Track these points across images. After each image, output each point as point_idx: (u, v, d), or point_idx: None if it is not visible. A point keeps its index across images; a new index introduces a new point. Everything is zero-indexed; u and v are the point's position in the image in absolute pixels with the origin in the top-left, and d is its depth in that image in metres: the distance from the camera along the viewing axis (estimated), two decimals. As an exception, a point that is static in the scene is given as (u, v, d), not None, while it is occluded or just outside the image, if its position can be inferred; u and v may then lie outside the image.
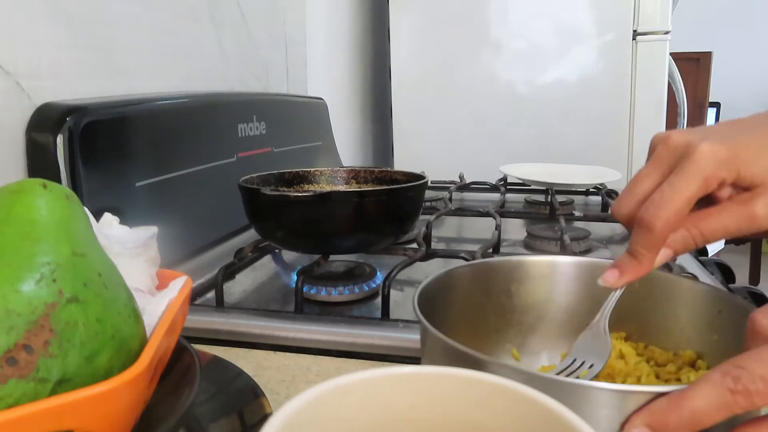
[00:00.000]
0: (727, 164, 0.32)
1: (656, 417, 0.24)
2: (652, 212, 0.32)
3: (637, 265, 0.33)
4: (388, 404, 0.22)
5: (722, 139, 0.32)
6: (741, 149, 0.32)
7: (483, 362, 0.27)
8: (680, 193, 0.31)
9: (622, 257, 0.34)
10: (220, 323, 0.51)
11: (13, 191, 0.26)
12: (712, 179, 0.32)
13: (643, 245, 0.33)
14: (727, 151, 0.31)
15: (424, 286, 0.36)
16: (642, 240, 0.32)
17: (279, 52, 1.07)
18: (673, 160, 0.33)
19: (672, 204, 0.31)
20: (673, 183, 0.32)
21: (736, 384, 0.24)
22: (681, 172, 0.32)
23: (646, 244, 0.32)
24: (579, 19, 1.31)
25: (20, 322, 0.23)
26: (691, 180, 0.31)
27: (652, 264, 0.33)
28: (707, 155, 0.31)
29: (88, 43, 0.61)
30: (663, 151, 0.34)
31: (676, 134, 0.34)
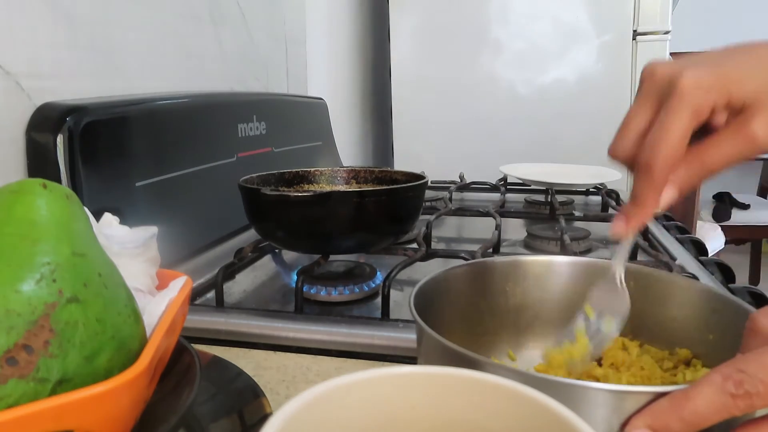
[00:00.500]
0: (716, 88, 0.31)
1: (657, 418, 0.24)
2: (648, 154, 0.31)
3: (642, 209, 0.33)
4: (388, 404, 0.22)
5: (706, 65, 0.31)
6: (728, 71, 0.31)
7: (479, 362, 0.27)
8: (672, 130, 0.31)
9: (627, 205, 0.34)
10: (220, 323, 0.51)
11: (13, 191, 0.26)
12: (703, 107, 0.31)
13: (644, 189, 0.32)
14: (712, 76, 0.31)
15: (420, 286, 0.36)
16: (642, 184, 0.32)
17: (279, 52, 1.07)
18: (660, 93, 0.32)
19: (666, 142, 0.31)
20: (663, 120, 0.31)
21: (737, 389, 0.24)
22: (669, 107, 0.31)
23: (648, 186, 0.32)
24: (579, 19, 1.31)
25: (20, 322, 0.23)
26: (680, 113, 0.31)
27: (656, 206, 0.33)
28: (692, 84, 0.31)
29: (88, 43, 0.61)
30: (649, 86, 0.33)
31: (661, 66, 0.33)
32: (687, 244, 0.81)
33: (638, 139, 0.33)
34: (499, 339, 0.41)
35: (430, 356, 0.31)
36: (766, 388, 0.23)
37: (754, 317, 0.28)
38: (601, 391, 0.25)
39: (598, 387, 0.25)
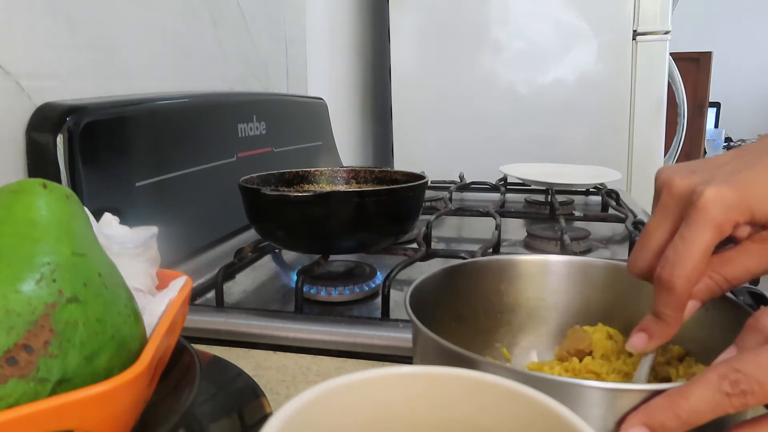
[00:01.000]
0: (738, 206, 0.30)
1: (653, 416, 0.24)
2: (669, 271, 0.30)
3: (665, 326, 0.32)
4: (388, 404, 0.22)
5: (728, 180, 0.30)
6: (749, 188, 0.30)
7: (474, 361, 0.27)
8: (694, 247, 0.30)
9: (649, 320, 0.33)
10: (220, 323, 0.51)
11: (13, 191, 0.26)
12: (725, 225, 0.30)
13: (667, 306, 0.31)
14: (734, 193, 0.30)
15: (416, 285, 0.36)
16: (665, 301, 0.31)
17: (279, 52, 1.07)
18: (680, 208, 0.32)
19: (688, 260, 0.30)
20: (685, 236, 0.30)
21: (733, 388, 0.24)
22: (690, 223, 0.30)
23: (670, 305, 0.31)
24: (579, 19, 1.31)
25: (20, 322, 0.23)
26: (702, 231, 0.30)
27: (681, 322, 0.32)
28: (714, 201, 0.30)
29: (88, 43, 0.61)
30: (668, 200, 0.32)
31: (680, 178, 0.32)
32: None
33: (658, 253, 0.32)
34: (494, 338, 0.41)
35: (426, 355, 0.31)
36: (761, 388, 0.24)
37: (757, 315, 0.28)
38: (596, 389, 0.25)
39: (594, 385, 0.25)
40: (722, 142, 3.44)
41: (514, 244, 0.80)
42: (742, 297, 0.61)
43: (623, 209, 0.89)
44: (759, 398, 0.24)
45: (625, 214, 0.83)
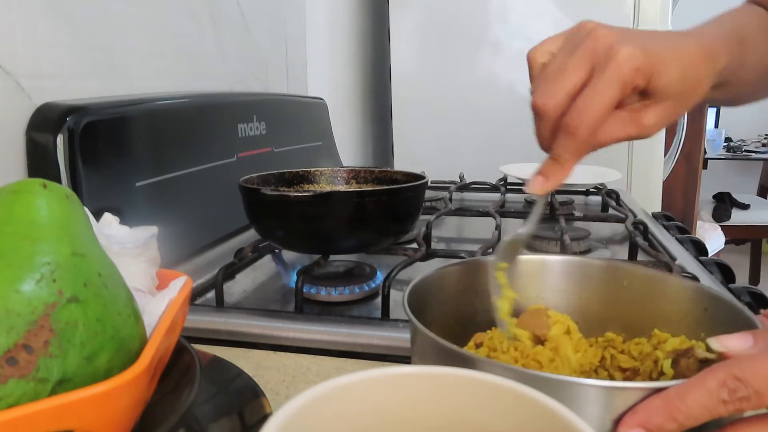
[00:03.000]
0: (643, 71, 0.34)
1: (651, 418, 0.24)
2: (578, 119, 0.34)
3: (560, 169, 0.35)
4: (388, 404, 0.22)
5: (642, 45, 0.34)
6: (656, 59, 0.34)
7: (472, 360, 0.27)
8: (603, 100, 0.33)
9: (547, 163, 0.36)
10: (220, 323, 0.51)
11: (13, 191, 0.26)
12: (629, 84, 0.34)
13: (566, 149, 0.35)
14: (644, 59, 0.34)
15: (414, 285, 0.36)
16: (566, 145, 0.35)
17: (279, 52, 1.07)
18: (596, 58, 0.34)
19: (596, 111, 0.33)
20: (597, 88, 0.33)
21: (731, 396, 0.24)
22: (604, 76, 0.34)
23: (570, 149, 0.34)
24: (579, 19, 1.30)
25: (20, 322, 0.23)
26: (612, 85, 0.33)
27: (572, 169, 0.35)
28: (628, 60, 0.33)
29: (88, 43, 0.61)
30: (589, 46, 0.35)
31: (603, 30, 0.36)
32: (687, 244, 0.81)
33: (570, 95, 0.35)
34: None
35: (424, 355, 0.31)
36: (757, 396, 0.24)
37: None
38: (593, 387, 0.25)
39: (591, 383, 0.26)
40: (722, 142, 3.44)
41: (514, 244, 0.80)
42: (743, 297, 0.61)
43: (623, 209, 0.89)
44: (755, 405, 0.24)
45: (625, 214, 0.83)
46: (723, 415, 0.24)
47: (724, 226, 2.58)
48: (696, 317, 0.36)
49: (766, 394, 0.24)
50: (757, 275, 3.01)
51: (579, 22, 0.38)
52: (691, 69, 0.36)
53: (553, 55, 0.38)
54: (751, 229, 2.81)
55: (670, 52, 0.35)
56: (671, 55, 0.35)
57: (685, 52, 0.36)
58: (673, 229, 0.90)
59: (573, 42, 0.37)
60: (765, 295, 0.62)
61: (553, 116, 0.35)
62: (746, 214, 2.81)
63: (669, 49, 0.35)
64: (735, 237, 2.83)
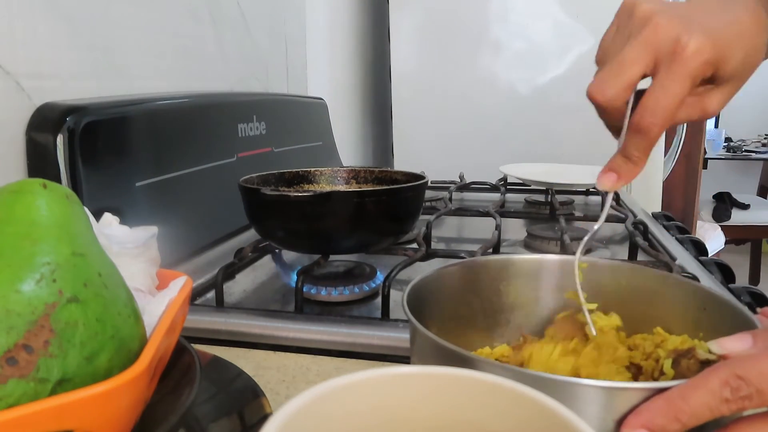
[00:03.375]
0: (711, 62, 0.33)
1: (654, 419, 0.24)
2: (649, 119, 0.33)
3: (633, 167, 0.35)
4: (388, 404, 0.22)
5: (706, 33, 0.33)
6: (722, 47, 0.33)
7: (472, 360, 0.27)
8: (673, 98, 0.32)
9: (617, 160, 0.35)
10: (220, 323, 0.51)
11: (13, 191, 0.26)
12: (698, 78, 0.33)
13: (638, 148, 0.34)
14: (712, 50, 0.33)
15: (414, 285, 0.36)
16: (638, 144, 0.34)
17: (279, 52, 1.07)
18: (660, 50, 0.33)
19: (667, 110, 0.32)
20: (666, 87, 0.33)
21: (733, 395, 0.24)
22: (672, 72, 0.33)
23: (642, 147, 0.34)
24: (579, 19, 1.31)
25: (20, 322, 0.23)
26: (682, 82, 0.32)
27: (644, 164, 0.35)
28: (697, 54, 0.32)
29: (88, 43, 0.61)
30: (651, 39, 0.33)
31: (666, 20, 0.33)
32: (687, 244, 0.81)
33: (630, 86, 0.34)
34: (492, 337, 0.41)
35: (423, 355, 0.31)
36: (759, 395, 0.24)
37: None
38: (594, 387, 0.25)
39: (592, 384, 0.26)
40: (722, 142, 3.44)
41: (514, 244, 0.80)
42: (743, 297, 0.61)
43: (623, 209, 0.89)
44: (756, 404, 0.24)
45: (625, 214, 0.83)
46: (725, 414, 0.24)
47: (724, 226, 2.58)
48: (694, 317, 0.36)
49: (767, 393, 0.24)
50: (757, 275, 3.01)
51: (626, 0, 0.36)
52: (753, 45, 0.35)
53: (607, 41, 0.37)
54: (751, 229, 2.81)
55: (733, 35, 0.34)
56: (734, 38, 0.34)
57: (742, 27, 0.35)
58: (673, 229, 0.90)
59: (628, 27, 0.35)
60: (765, 295, 0.62)
61: (611, 108, 0.35)
62: (746, 214, 2.81)
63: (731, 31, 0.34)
64: (735, 237, 2.83)
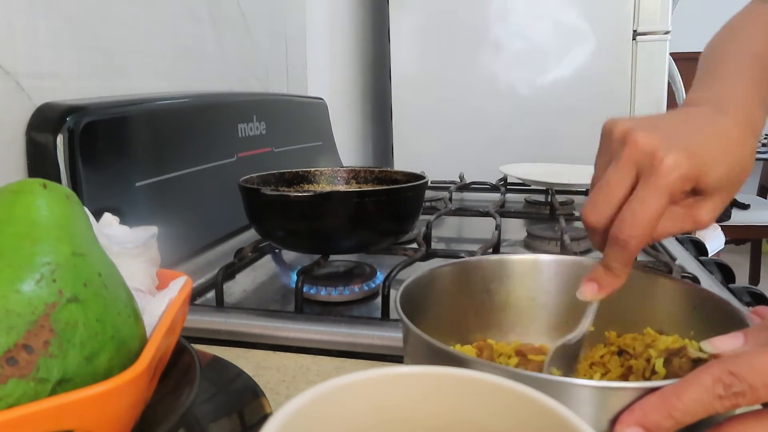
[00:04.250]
0: (689, 176, 0.33)
1: (648, 416, 0.25)
2: (627, 232, 0.33)
3: (614, 278, 0.35)
4: (388, 404, 0.22)
5: (684, 149, 0.33)
6: (701, 161, 0.34)
7: (464, 361, 0.27)
8: (650, 211, 0.33)
9: (598, 271, 0.35)
10: (220, 323, 0.51)
11: (13, 191, 0.26)
12: (677, 192, 0.34)
13: (618, 261, 0.34)
14: (689, 163, 0.33)
15: (407, 285, 0.36)
16: (617, 256, 0.34)
17: (279, 52, 1.07)
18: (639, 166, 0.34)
19: (644, 222, 0.33)
20: (643, 200, 0.33)
21: (726, 391, 0.24)
22: (649, 187, 0.33)
23: (621, 260, 0.34)
24: (579, 19, 1.31)
25: (20, 322, 0.23)
26: (659, 196, 0.33)
27: (627, 276, 0.35)
28: (673, 169, 0.33)
29: (88, 43, 0.61)
30: (631, 155, 0.34)
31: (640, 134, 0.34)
32: (687, 244, 0.81)
33: (618, 208, 0.35)
34: (485, 337, 0.41)
35: (416, 355, 0.31)
36: (752, 391, 0.24)
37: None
38: (588, 387, 0.25)
39: (586, 384, 0.26)
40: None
41: (514, 244, 0.80)
42: (743, 297, 0.61)
43: (623, 209, 0.89)
44: (750, 400, 0.24)
45: (625, 214, 0.82)
46: (719, 411, 0.25)
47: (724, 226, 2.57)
48: (686, 316, 0.36)
49: (760, 389, 0.24)
50: (757, 275, 3.01)
51: (606, 122, 0.37)
52: (738, 158, 0.36)
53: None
54: (751, 229, 2.81)
55: (714, 150, 0.35)
56: (716, 153, 0.35)
57: (728, 142, 0.35)
58: (673, 229, 0.90)
59: (609, 149, 0.36)
60: (765, 295, 0.62)
61: (602, 230, 0.35)
62: (746, 214, 2.81)
63: (712, 146, 0.35)
64: (735, 237, 2.83)
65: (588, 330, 0.36)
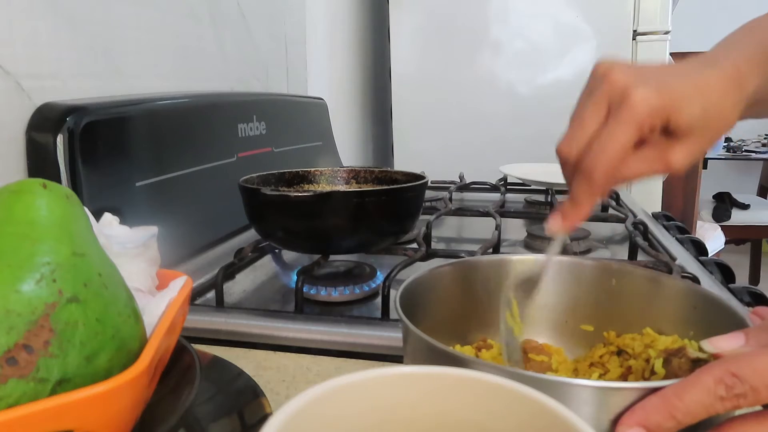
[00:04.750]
0: (660, 111, 0.34)
1: (649, 417, 0.25)
2: (592, 162, 0.34)
3: (577, 210, 0.36)
4: (388, 404, 0.22)
5: (658, 86, 0.34)
6: (673, 98, 0.34)
7: (464, 361, 0.27)
8: (617, 142, 0.33)
9: (565, 204, 0.36)
10: (220, 323, 0.51)
11: (13, 191, 0.26)
12: (644, 125, 0.34)
13: (584, 192, 0.35)
14: (659, 100, 0.33)
15: (407, 285, 0.36)
16: (582, 187, 0.35)
17: (279, 52, 1.07)
18: (611, 101, 0.35)
19: (610, 153, 0.33)
20: (611, 131, 0.34)
21: (728, 392, 0.24)
22: (618, 119, 0.34)
23: (584, 190, 0.35)
24: (579, 19, 1.31)
25: (20, 322, 0.23)
26: (626, 128, 0.33)
27: (592, 208, 0.36)
28: (642, 102, 0.33)
29: (88, 43, 0.61)
30: (605, 90, 0.35)
31: (618, 72, 0.35)
32: (687, 244, 0.81)
33: (587, 142, 0.35)
34: (484, 337, 0.41)
35: (416, 355, 0.31)
36: (754, 393, 0.24)
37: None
38: (589, 387, 0.25)
39: (586, 384, 0.26)
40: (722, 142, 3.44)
41: (514, 244, 0.80)
42: (743, 297, 0.61)
43: (623, 209, 0.89)
44: (751, 401, 0.24)
45: (625, 214, 0.83)
46: (720, 412, 0.25)
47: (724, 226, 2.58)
48: (686, 316, 0.36)
49: (762, 391, 0.24)
50: (757, 275, 3.01)
51: (595, 63, 0.37)
52: (714, 101, 0.35)
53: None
54: (751, 229, 2.81)
55: (688, 88, 0.35)
56: (690, 91, 0.34)
57: (706, 84, 0.35)
58: (673, 229, 0.90)
59: (591, 87, 0.37)
60: (765, 295, 0.62)
61: (571, 160, 0.36)
62: (746, 214, 2.81)
63: (688, 85, 0.35)
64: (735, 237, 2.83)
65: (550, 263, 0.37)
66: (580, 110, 0.36)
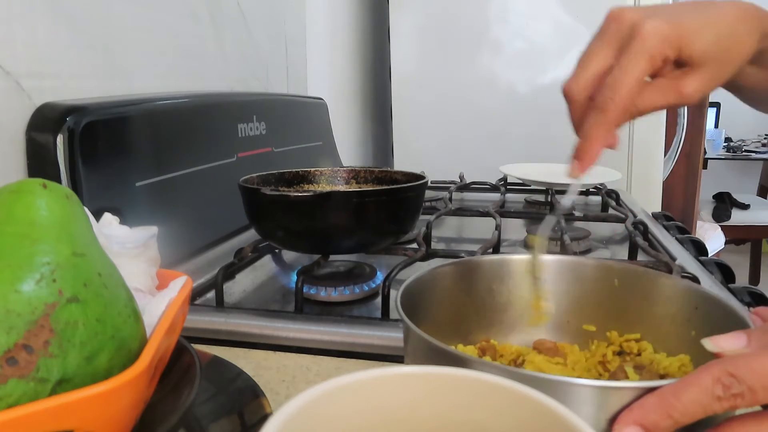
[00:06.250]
0: (670, 41, 0.34)
1: (647, 416, 0.24)
2: (608, 96, 0.34)
3: (593, 144, 0.35)
4: (388, 404, 0.22)
5: (668, 18, 0.34)
6: (684, 28, 0.34)
7: (464, 360, 0.27)
8: (630, 75, 0.33)
9: (578, 145, 0.36)
10: (220, 323, 0.51)
11: (13, 191, 0.26)
12: (657, 57, 0.34)
13: (598, 126, 0.35)
14: (670, 29, 0.33)
15: (407, 285, 0.36)
16: (598, 122, 0.35)
17: (279, 52, 1.07)
18: (621, 38, 0.35)
19: (624, 86, 0.33)
20: (623, 65, 0.34)
21: (725, 392, 0.24)
22: (629, 52, 0.34)
23: (602, 125, 0.35)
24: (579, 19, 1.31)
25: (20, 322, 0.23)
26: (638, 60, 0.33)
27: (605, 143, 0.35)
28: (652, 33, 0.33)
29: (88, 43, 0.61)
30: (614, 29, 0.35)
31: (629, 12, 0.35)
32: (687, 244, 0.81)
33: (596, 77, 0.35)
34: (485, 337, 0.41)
35: (417, 355, 0.31)
36: (751, 393, 0.24)
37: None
38: (587, 387, 0.25)
39: (585, 383, 0.26)
40: (722, 142, 3.44)
41: (514, 244, 0.80)
42: (742, 297, 0.61)
43: (623, 209, 0.89)
44: (748, 402, 0.24)
45: (625, 214, 0.83)
46: (717, 411, 0.24)
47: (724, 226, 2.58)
48: (687, 316, 0.36)
49: (759, 391, 0.24)
50: (757, 275, 3.01)
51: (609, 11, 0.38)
52: (728, 30, 0.35)
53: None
54: (751, 229, 2.81)
55: (700, 18, 0.35)
56: (702, 21, 0.34)
57: (719, 14, 0.35)
58: (673, 229, 0.90)
59: (602, 29, 0.37)
60: (765, 295, 0.62)
61: (578, 99, 0.36)
62: (746, 214, 2.81)
63: (699, 16, 0.35)
64: (735, 237, 2.83)
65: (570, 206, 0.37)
66: (590, 50, 0.36)
